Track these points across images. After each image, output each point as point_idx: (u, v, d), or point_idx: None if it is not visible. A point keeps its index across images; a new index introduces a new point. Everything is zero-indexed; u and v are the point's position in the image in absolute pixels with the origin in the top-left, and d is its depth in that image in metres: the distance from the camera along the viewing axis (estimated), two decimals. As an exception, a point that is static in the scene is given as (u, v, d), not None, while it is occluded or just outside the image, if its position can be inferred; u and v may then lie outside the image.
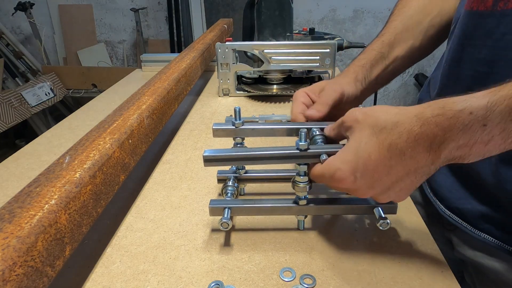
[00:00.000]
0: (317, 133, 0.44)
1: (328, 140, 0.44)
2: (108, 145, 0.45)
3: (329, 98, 0.49)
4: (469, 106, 0.31)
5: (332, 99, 0.49)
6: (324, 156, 0.39)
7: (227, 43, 0.89)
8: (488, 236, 0.46)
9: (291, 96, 0.94)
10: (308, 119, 0.48)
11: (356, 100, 0.55)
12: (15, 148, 2.40)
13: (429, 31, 0.57)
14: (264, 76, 0.95)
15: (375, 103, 2.38)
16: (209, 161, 0.41)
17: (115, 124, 0.50)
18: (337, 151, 0.39)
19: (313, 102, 0.51)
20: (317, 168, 0.40)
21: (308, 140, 0.40)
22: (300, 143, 0.40)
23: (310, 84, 0.68)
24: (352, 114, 0.38)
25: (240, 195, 0.54)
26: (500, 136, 0.30)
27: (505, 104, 0.29)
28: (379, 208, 0.43)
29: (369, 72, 0.55)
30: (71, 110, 2.66)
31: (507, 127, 0.29)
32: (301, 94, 0.51)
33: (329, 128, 0.44)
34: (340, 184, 0.37)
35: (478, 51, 0.43)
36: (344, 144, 0.39)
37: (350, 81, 0.54)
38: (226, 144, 0.68)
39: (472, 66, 0.45)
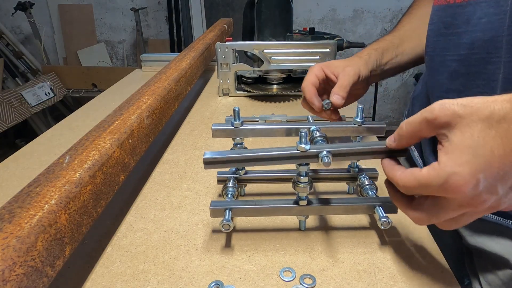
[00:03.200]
0: (318, 134, 0.44)
1: (389, 152, 0.38)
2: (108, 145, 0.45)
3: (350, 81, 0.51)
4: None
5: (352, 82, 0.51)
6: (324, 154, 0.38)
7: (227, 43, 0.89)
8: (500, 218, 0.46)
9: (291, 96, 0.94)
10: (333, 105, 0.50)
11: (365, 84, 0.58)
12: (15, 148, 2.40)
13: None
14: (264, 76, 0.95)
15: (375, 103, 2.38)
16: (209, 163, 0.41)
17: (115, 124, 0.50)
18: (340, 150, 0.38)
19: (327, 78, 0.54)
20: (413, 178, 0.33)
21: (308, 141, 0.40)
22: (300, 145, 0.39)
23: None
24: (447, 108, 0.31)
25: (240, 195, 0.54)
26: None
27: None
28: (380, 207, 0.43)
29: (381, 57, 0.59)
30: (71, 110, 2.66)
31: None
32: (318, 68, 0.54)
33: (398, 136, 0.36)
34: (457, 192, 0.30)
35: (459, 37, 0.47)
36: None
37: (364, 63, 0.56)
38: (226, 144, 0.68)
39: (455, 51, 0.48)
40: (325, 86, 0.56)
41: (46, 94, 2.50)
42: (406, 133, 0.35)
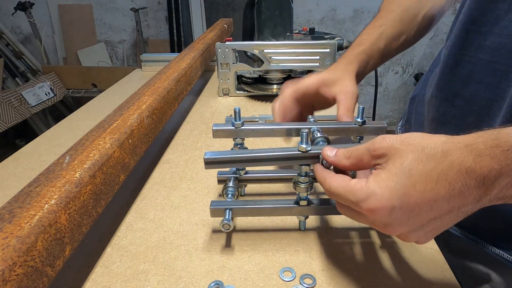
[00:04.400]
0: (318, 135, 0.44)
1: (331, 167, 0.38)
2: (108, 145, 0.45)
3: (354, 104, 0.49)
4: None
5: (354, 104, 0.50)
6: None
7: (227, 43, 0.88)
8: (502, 252, 0.45)
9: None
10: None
11: None
12: (15, 148, 2.40)
13: (421, 24, 0.59)
14: (264, 76, 0.95)
15: (375, 103, 2.38)
16: (210, 163, 0.41)
17: (115, 124, 0.50)
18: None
19: (318, 94, 0.52)
20: (343, 187, 0.33)
21: (309, 141, 0.40)
22: (301, 145, 0.39)
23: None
24: (386, 142, 0.32)
25: (241, 195, 0.54)
26: None
27: None
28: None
29: (366, 64, 0.57)
30: (71, 110, 2.66)
31: None
32: (295, 89, 0.52)
33: (341, 155, 0.36)
34: (370, 213, 0.31)
35: (483, 38, 0.41)
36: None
37: (353, 78, 0.53)
38: (226, 144, 0.68)
39: (475, 53, 0.43)
40: (308, 101, 0.54)
41: (46, 94, 2.50)
42: (347, 157, 0.36)
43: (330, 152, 0.37)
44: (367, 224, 0.34)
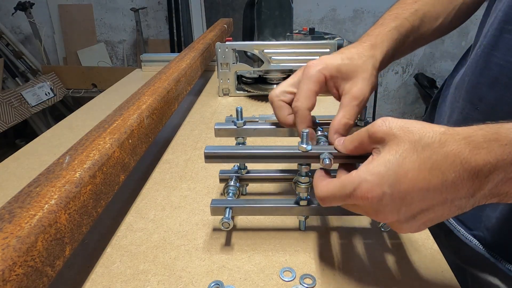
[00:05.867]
0: (319, 133, 0.44)
1: (340, 158, 0.38)
2: (108, 145, 0.45)
3: (356, 112, 0.41)
4: None
5: (359, 112, 0.41)
6: (325, 155, 0.38)
7: (227, 43, 0.88)
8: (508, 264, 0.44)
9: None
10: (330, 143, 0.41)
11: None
12: (15, 148, 2.40)
13: (461, 8, 0.52)
14: (264, 76, 0.95)
15: (375, 103, 2.38)
16: (210, 157, 0.41)
17: (115, 124, 0.50)
18: (342, 153, 0.38)
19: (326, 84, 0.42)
20: (333, 183, 0.34)
21: (310, 141, 0.40)
22: (302, 145, 0.39)
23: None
24: (385, 125, 0.32)
25: (242, 194, 0.54)
26: None
27: None
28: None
29: (398, 46, 0.47)
30: (71, 110, 2.66)
31: None
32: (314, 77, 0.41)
33: (347, 141, 0.36)
34: (363, 199, 0.31)
35: None
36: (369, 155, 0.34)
37: (372, 73, 0.43)
38: (226, 144, 0.68)
39: (504, 55, 0.40)
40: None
41: (46, 94, 2.50)
42: (351, 141, 0.36)
43: (338, 142, 0.38)
44: (361, 213, 0.34)
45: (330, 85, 0.43)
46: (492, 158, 0.27)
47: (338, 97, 0.43)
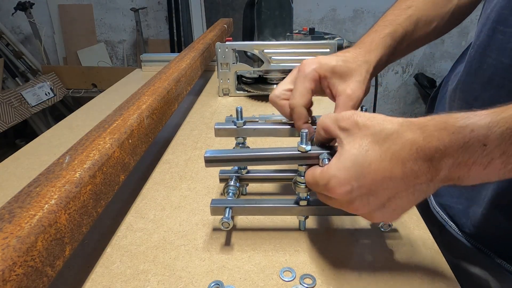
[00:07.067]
0: None
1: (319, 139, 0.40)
2: (108, 145, 0.45)
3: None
4: (471, 124, 0.29)
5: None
6: (324, 155, 0.38)
7: (227, 43, 0.88)
8: (505, 262, 0.45)
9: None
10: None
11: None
12: (15, 148, 2.40)
13: (455, 11, 0.52)
14: (264, 76, 0.95)
15: (375, 103, 2.37)
16: (210, 161, 0.41)
17: (115, 124, 0.50)
18: None
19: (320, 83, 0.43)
20: (311, 175, 0.37)
21: (309, 141, 0.40)
22: (301, 145, 0.39)
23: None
24: (352, 117, 0.34)
25: (242, 194, 0.54)
26: (500, 160, 0.28)
27: (507, 126, 0.28)
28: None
29: (392, 52, 0.47)
30: (71, 110, 2.66)
31: (507, 150, 0.28)
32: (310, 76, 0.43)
33: (318, 125, 0.38)
34: (334, 194, 0.34)
35: (507, 40, 0.39)
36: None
37: (366, 76, 0.44)
38: (226, 144, 0.68)
39: (497, 55, 0.41)
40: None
41: (46, 94, 2.50)
42: (324, 126, 0.37)
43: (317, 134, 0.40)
44: (338, 206, 0.36)
45: (324, 85, 0.44)
46: (441, 145, 0.29)
47: (332, 97, 0.45)
